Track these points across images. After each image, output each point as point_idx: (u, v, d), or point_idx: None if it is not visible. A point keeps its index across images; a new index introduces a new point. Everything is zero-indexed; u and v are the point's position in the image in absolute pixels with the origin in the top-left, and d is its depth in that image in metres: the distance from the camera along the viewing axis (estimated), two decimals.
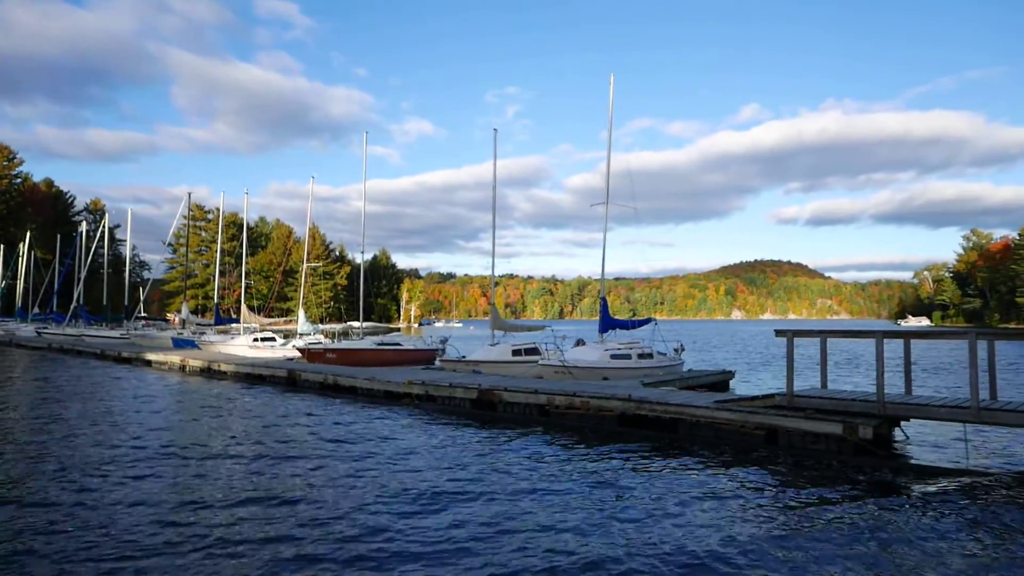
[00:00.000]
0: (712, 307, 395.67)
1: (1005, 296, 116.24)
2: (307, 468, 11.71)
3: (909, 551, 7.61)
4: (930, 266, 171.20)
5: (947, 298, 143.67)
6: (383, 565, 7.20)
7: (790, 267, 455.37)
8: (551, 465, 11.99)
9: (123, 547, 7.64)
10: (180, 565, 7.11)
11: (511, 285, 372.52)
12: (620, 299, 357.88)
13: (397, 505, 9.40)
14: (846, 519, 8.82)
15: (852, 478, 10.98)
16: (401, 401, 20.50)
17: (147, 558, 7.31)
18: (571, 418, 16.42)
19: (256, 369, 28.11)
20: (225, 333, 42.34)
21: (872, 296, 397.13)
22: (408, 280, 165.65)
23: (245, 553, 7.50)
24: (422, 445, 13.86)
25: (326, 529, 8.34)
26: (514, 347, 25.57)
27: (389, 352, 30.26)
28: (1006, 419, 11.34)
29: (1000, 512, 9.10)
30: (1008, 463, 12.13)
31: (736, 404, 14.49)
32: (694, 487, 10.42)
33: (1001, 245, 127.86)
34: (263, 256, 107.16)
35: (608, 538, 8.05)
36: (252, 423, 16.80)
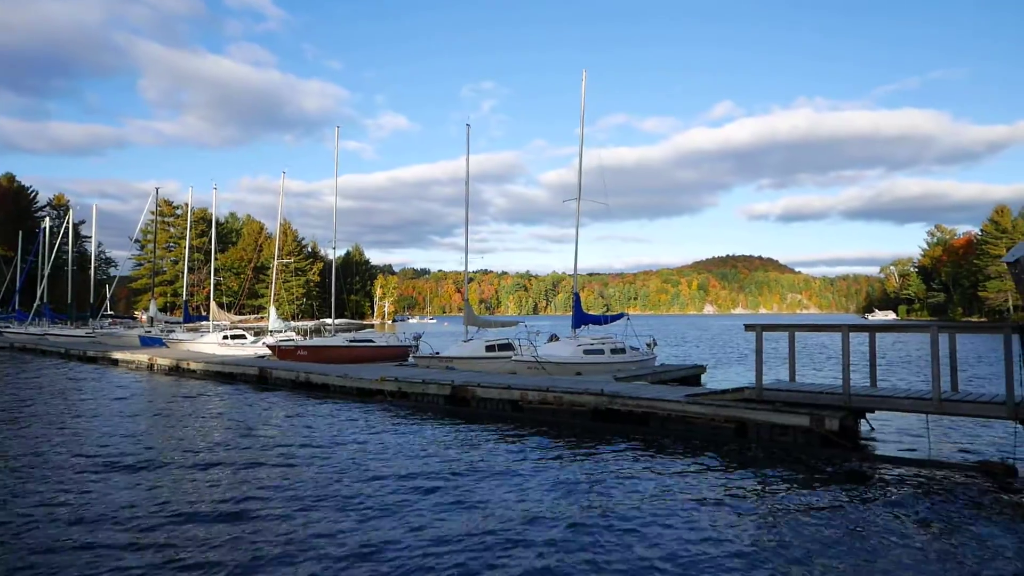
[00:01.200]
0: (685, 302, 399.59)
1: (968, 290, 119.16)
2: (276, 468, 11.59)
3: (874, 539, 7.78)
4: (896, 261, 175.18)
5: (912, 292, 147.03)
6: (355, 564, 7.16)
7: (761, 262, 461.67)
8: (524, 460, 12.02)
9: (85, 555, 7.50)
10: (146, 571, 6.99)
11: (485, 281, 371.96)
12: (594, 294, 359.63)
13: (369, 503, 9.35)
14: (813, 510, 8.98)
15: (819, 469, 11.19)
16: (374, 398, 20.38)
17: (112, 569, 7.18)
18: (544, 413, 16.47)
19: (226, 367, 27.73)
20: (194, 331, 41.66)
21: (841, 290, 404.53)
22: (382, 276, 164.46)
23: (214, 559, 7.40)
24: (395, 442, 13.79)
25: (290, 529, 8.26)
26: (487, 343, 25.57)
27: (361, 349, 30.07)
28: (966, 410, 11.63)
29: (958, 501, 9.35)
30: (967, 453, 12.45)
31: (707, 398, 14.66)
32: (666, 480, 10.53)
33: (964, 241, 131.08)
34: (234, 252, 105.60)
35: (579, 531, 8.09)
36: (221, 423, 16.58)
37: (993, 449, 12.53)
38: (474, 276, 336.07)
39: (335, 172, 35.75)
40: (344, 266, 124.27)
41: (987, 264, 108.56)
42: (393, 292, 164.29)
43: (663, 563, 7.13)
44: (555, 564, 7.11)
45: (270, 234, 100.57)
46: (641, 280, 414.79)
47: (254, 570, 6.97)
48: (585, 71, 25.97)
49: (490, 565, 7.09)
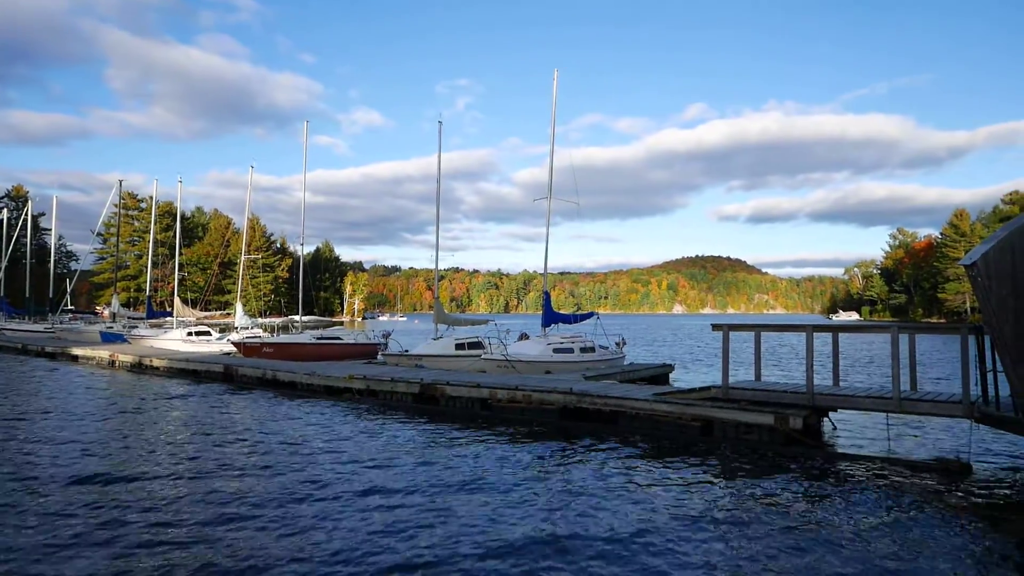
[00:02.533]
0: (655, 302, 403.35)
1: (928, 292, 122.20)
2: (243, 471, 11.40)
3: (832, 535, 7.91)
4: (860, 263, 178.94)
5: (875, 294, 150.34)
6: (328, 563, 7.06)
7: (730, 263, 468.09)
8: (493, 459, 11.99)
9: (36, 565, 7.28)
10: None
11: (457, 279, 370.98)
12: (565, 293, 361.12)
13: (336, 505, 9.24)
14: (776, 506, 9.11)
15: (783, 466, 11.36)
16: (342, 396, 20.18)
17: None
18: (513, 412, 16.46)
19: (190, 364, 27.22)
20: (158, 327, 40.89)
21: (806, 291, 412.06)
22: (352, 273, 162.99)
23: (178, 561, 7.24)
24: (363, 441, 13.67)
25: (259, 527, 8.13)
26: (457, 341, 25.48)
27: (329, 346, 29.75)
28: (925, 409, 11.92)
29: (915, 497, 9.56)
30: (925, 450, 12.75)
31: (674, 397, 14.80)
32: (632, 478, 10.59)
33: (925, 244, 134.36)
34: (200, 247, 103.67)
35: (545, 528, 8.09)
36: (185, 423, 16.27)
37: (950, 447, 12.85)
38: (445, 274, 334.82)
39: (303, 167, 35.33)
40: (314, 263, 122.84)
41: (946, 267, 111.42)
42: (363, 289, 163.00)
43: (627, 559, 7.15)
44: (520, 562, 7.09)
45: (238, 229, 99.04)
46: (612, 280, 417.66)
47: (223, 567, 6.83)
48: (557, 70, 26.02)
49: (455, 564, 7.04)
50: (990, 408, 10.72)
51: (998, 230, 10.67)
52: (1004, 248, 9.93)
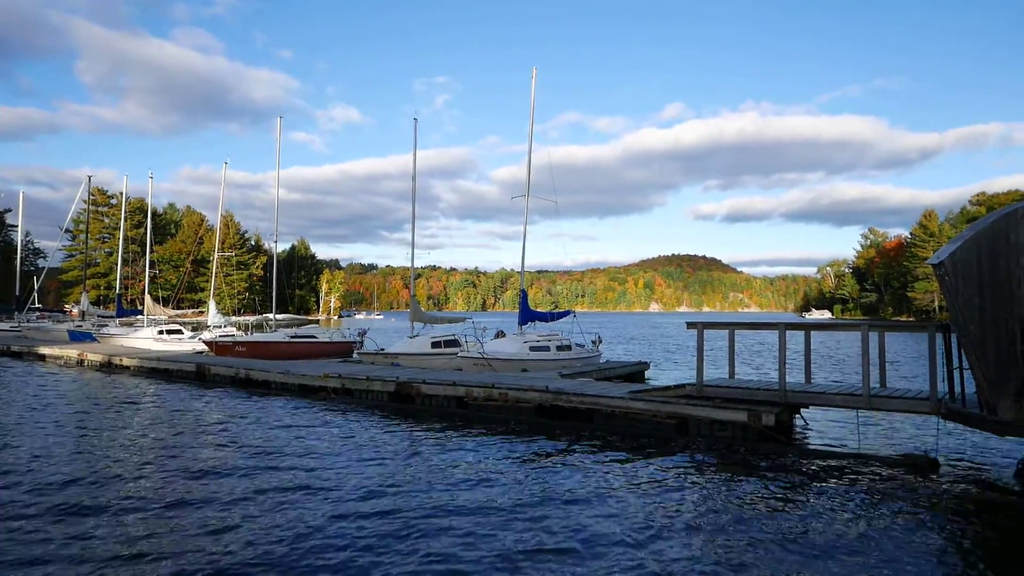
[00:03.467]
0: (631, 300, 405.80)
1: (898, 291, 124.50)
2: (215, 467, 11.24)
3: (802, 529, 8.01)
4: (833, 262, 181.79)
5: (847, 292, 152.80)
6: (305, 565, 6.97)
7: (705, 262, 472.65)
8: (468, 457, 11.96)
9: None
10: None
11: (434, 277, 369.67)
12: (542, 292, 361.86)
13: (313, 503, 9.14)
14: (747, 502, 9.20)
15: (755, 463, 11.48)
16: (317, 395, 19.99)
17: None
18: (490, 410, 16.43)
19: (162, 363, 26.78)
20: (128, 325, 40.19)
21: (780, 290, 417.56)
22: (328, 271, 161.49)
23: (150, 565, 7.11)
24: (338, 440, 13.55)
25: (237, 532, 8.01)
26: (434, 339, 25.39)
27: (303, 345, 29.47)
28: (893, 405, 12.12)
29: (884, 492, 9.72)
30: (894, 446, 12.98)
31: (649, 394, 14.89)
32: (607, 475, 10.63)
33: (895, 243, 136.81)
34: (172, 244, 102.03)
35: (518, 525, 8.08)
36: (154, 421, 16.00)
37: (918, 442, 13.09)
38: (422, 272, 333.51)
39: (277, 164, 34.93)
40: (289, 260, 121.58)
41: (916, 266, 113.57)
42: (340, 287, 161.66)
43: (600, 555, 7.17)
44: (494, 560, 7.07)
45: (211, 226, 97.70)
46: (589, 278, 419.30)
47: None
48: (535, 69, 26.01)
49: (422, 562, 7.00)
50: (956, 405, 10.93)
51: (965, 230, 10.88)
52: (970, 248, 10.13)
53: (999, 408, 9.83)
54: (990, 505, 9.33)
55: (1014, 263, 9.91)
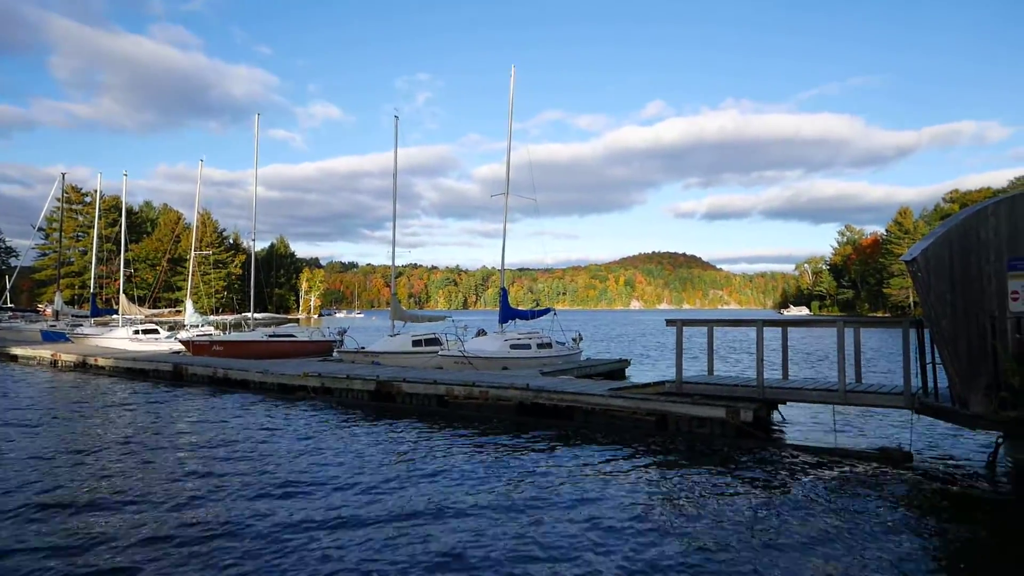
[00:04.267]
0: (612, 297, 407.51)
1: (874, 287, 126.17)
2: (194, 468, 11.11)
3: (780, 523, 8.10)
4: (810, 259, 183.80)
5: (824, 289, 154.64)
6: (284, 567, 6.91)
7: (685, 259, 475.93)
8: (449, 455, 11.93)
9: None
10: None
11: (415, 275, 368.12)
12: (523, 290, 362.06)
13: (290, 501, 9.07)
14: (726, 497, 9.28)
15: (734, 459, 11.58)
16: (296, 394, 19.84)
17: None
18: (470, 408, 16.41)
19: (138, 363, 26.42)
20: (103, 325, 39.57)
21: (759, 287, 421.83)
22: (308, 269, 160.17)
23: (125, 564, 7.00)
24: (318, 439, 13.45)
25: (210, 532, 7.92)
26: (414, 338, 25.31)
27: (281, 344, 29.20)
28: (868, 400, 12.30)
29: (860, 485, 9.86)
30: (868, 440, 13.16)
31: (629, 392, 14.95)
32: (586, 472, 10.66)
33: (871, 240, 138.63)
34: (149, 243, 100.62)
35: (501, 525, 8.08)
36: (130, 422, 15.77)
37: (892, 436, 13.29)
38: (402, 270, 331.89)
39: (255, 161, 34.61)
40: (268, 259, 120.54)
41: (891, 263, 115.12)
42: (320, 286, 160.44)
43: (580, 551, 7.19)
44: (474, 554, 7.07)
45: (188, 224, 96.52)
46: (570, 276, 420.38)
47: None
48: (514, 67, 25.99)
49: (409, 557, 6.98)
50: (930, 399, 11.11)
51: (937, 227, 11.05)
52: (942, 245, 10.30)
53: (970, 402, 10.01)
54: (961, 497, 9.50)
55: (984, 260, 10.09)
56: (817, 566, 6.86)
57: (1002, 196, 10.47)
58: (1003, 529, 8.36)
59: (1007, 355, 9.67)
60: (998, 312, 9.90)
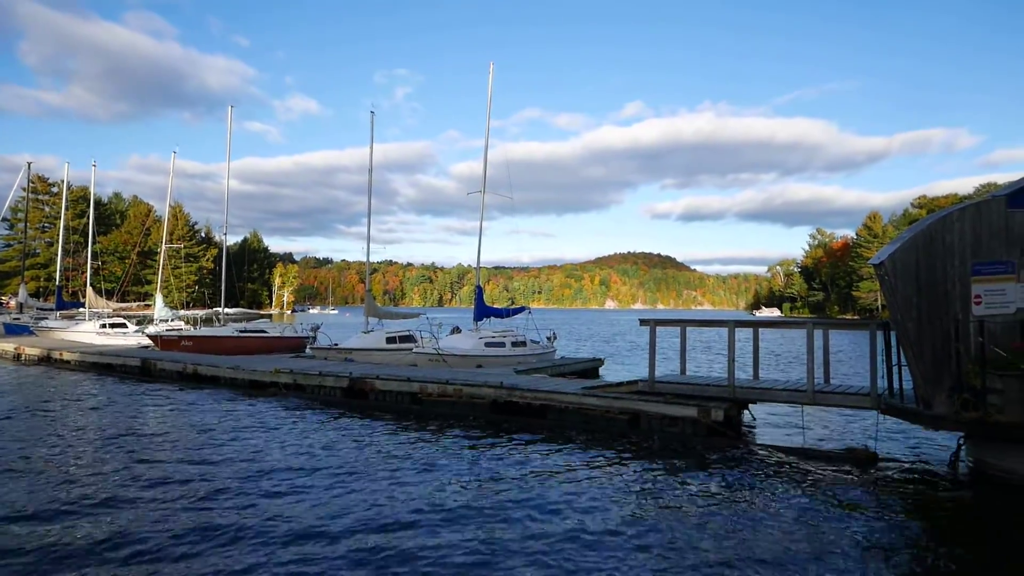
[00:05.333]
0: (587, 297, 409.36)
1: (844, 290, 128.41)
2: (162, 465, 10.93)
3: (748, 521, 8.20)
4: (782, 261, 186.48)
5: (795, 291, 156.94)
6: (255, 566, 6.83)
7: (660, 259, 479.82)
8: (421, 452, 11.89)
9: None
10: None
11: (390, 272, 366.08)
12: (499, 288, 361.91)
13: (256, 498, 8.97)
14: (695, 495, 9.38)
15: (704, 458, 11.70)
16: (268, 391, 19.60)
17: None
18: (444, 406, 16.37)
19: (104, 358, 25.90)
20: (69, 319, 38.71)
21: (732, 288, 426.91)
22: (281, 265, 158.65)
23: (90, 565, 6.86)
24: (289, 436, 13.31)
25: (174, 529, 7.80)
26: (388, 335, 25.17)
27: (253, 340, 28.84)
28: (836, 401, 12.51)
29: (826, 483, 10.03)
30: (836, 440, 13.40)
31: (602, 390, 15.03)
32: (558, 470, 10.69)
33: (841, 244, 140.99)
34: (118, 235, 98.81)
35: (468, 521, 8.07)
36: (96, 418, 15.47)
37: (858, 437, 13.53)
38: (378, 267, 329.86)
39: (228, 154, 34.12)
40: (240, 253, 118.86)
41: (860, 266, 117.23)
42: (293, 281, 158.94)
43: (550, 548, 7.21)
44: (444, 553, 7.05)
45: (159, 217, 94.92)
46: (545, 274, 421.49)
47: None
48: (492, 63, 25.97)
49: (379, 556, 6.94)
50: (895, 400, 11.33)
51: (905, 232, 11.28)
52: (910, 249, 10.50)
53: (934, 403, 10.23)
54: (924, 496, 9.71)
55: (949, 265, 10.32)
56: (782, 564, 6.96)
57: (967, 203, 10.71)
58: (963, 527, 8.57)
59: (969, 358, 9.90)
60: (961, 316, 10.13)
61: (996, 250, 10.22)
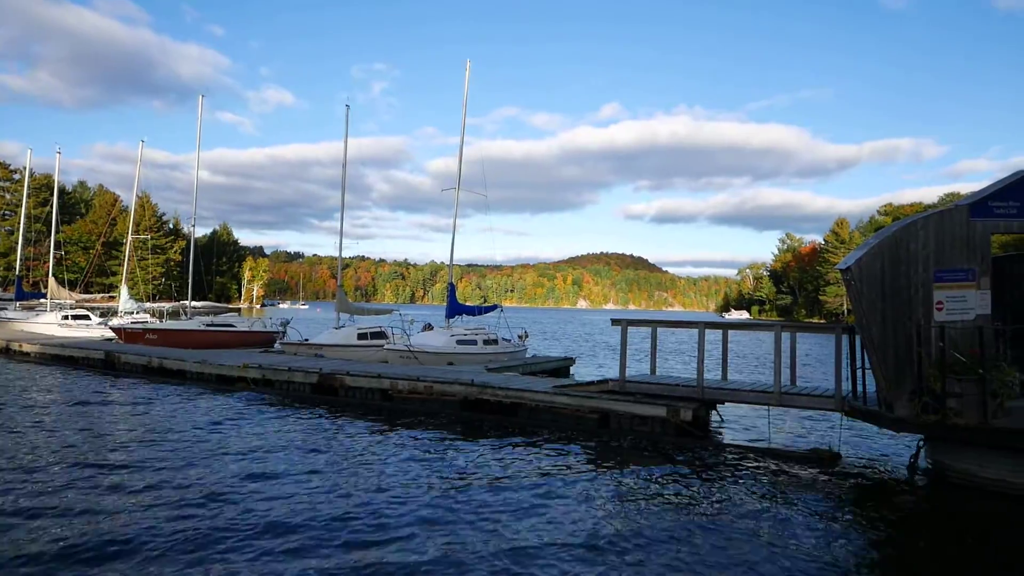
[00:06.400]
0: (560, 296, 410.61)
1: (811, 294, 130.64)
2: (123, 461, 10.72)
3: (714, 519, 8.32)
4: (752, 265, 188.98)
5: (764, 294, 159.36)
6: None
7: (633, 260, 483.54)
8: (389, 449, 11.83)
9: None
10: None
11: (362, 267, 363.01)
12: (471, 286, 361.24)
13: (224, 495, 8.84)
14: (662, 495, 9.48)
15: (672, 457, 11.83)
16: (235, 386, 19.32)
17: None
18: (414, 403, 16.30)
19: (66, 350, 25.29)
20: (29, 309, 37.76)
21: (703, 290, 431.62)
22: (251, 258, 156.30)
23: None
24: (255, 432, 13.15)
25: (135, 526, 7.66)
26: (360, 331, 25.00)
27: (221, 334, 28.40)
28: (801, 402, 12.73)
29: (790, 483, 10.22)
30: (801, 440, 13.64)
31: (572, 389, 15.09)
32: (527, 468, 10.73)
33: (809, 248, 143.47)
34: (82, 225, 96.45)
35: (437, 519, 8.06)
36: (56, 412, 15.10)
37: (823, 437, 13.80)
38: (350, 262, 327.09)
39: (197, 144, 33.55)
40: (209, 246, 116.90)
41: (827, 271, 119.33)
42: (263, 275, 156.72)
43: (516, 546, 7.23)
44: (408, 552, 7.03)
45: (125, 207, 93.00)
46: (518, 273, 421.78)
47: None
48: (469, 61, 25.88)
49: (344, 554, 6.89)
50: (858, 402, 11.57)
51: (871, 238, 11.51)
52: (875, 255, 10.72)
53: (895, 406, 10.46)
54: (884, 496, 9.94)
55: (913, 271, 10.57)
56: (741, 562, 7.07)
57: (931, 211, 10.99)
58: (920, 526, 8.80)
59: (930, 362, 10.15)
60: (924, 321, 10.38)
61: (958, 258, 10.50)
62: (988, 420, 9.41)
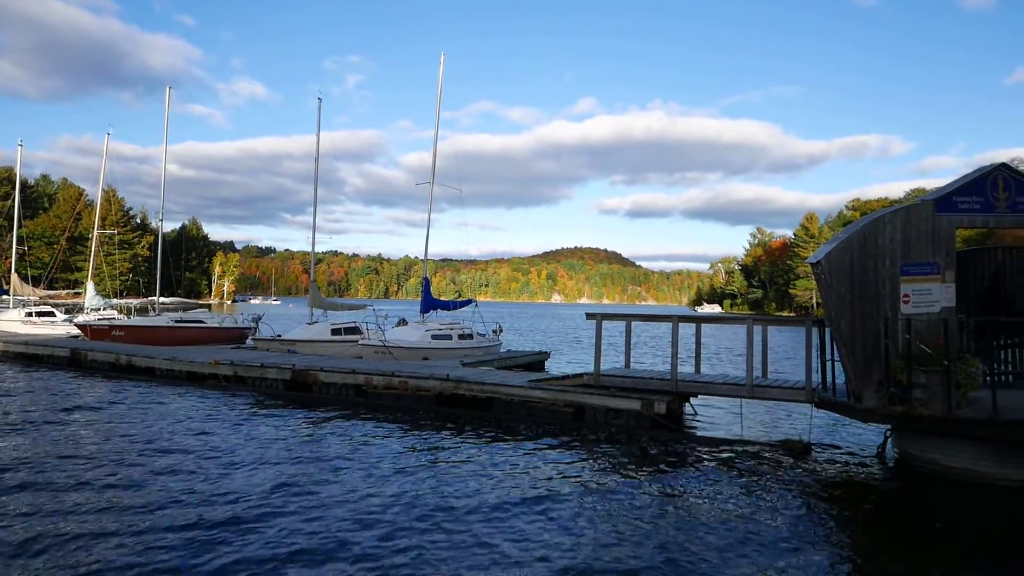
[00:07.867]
0: (534, 290, 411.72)
1: (782, 288, 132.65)
2: (91, 462, 10.51)
3: (687, 510, 8.42)
4: (724, 259, 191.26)
5: (736, 288, 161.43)
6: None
7: (606, 255, 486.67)
8: (364, 445, 11.77)
9: None
10: None
11: (336, 262, 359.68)
12: (446, 280, 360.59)
13: (194, 494, 8.72)
14: (637, 488, 9.56)
15: (646, 450, 11.94)
16: (206, 383, 19.06)
17: None
18: (389, 398, 16.23)
19: (30, 348, 24.72)
20: None
21: (676, 284, 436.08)
22: (222, 253, 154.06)
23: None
24: (226, 430, 12.98)
25: (106, 527, 7.52)
26: (334, 326, 24.80)
27: (190, 330, 27.93)
28: (773, 395, 12.94)
29: (762, 474, 10.38)
30: (773, 432, 13.86)
31: (548, 383, 15.16)
32: (503, 463, 10.74)
33: (780, 243, 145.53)
34: (46, 219, 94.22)
35: (411, 515, 8.04)
36: (19, 412, 14.74)
37: (794, 429, 14.03)
38: (323, 257, 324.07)
39: (165, 136, 32.92)
40: (178, 241, 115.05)
41: (797, 265, 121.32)
42: (234, 271, 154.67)
43: (492, 543, 7.24)
44: (383, 549, 7.01)
45: (91, 201, 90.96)
46: (493, 268, 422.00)
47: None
48: (443, 54, 25.83)
49: (318, 551, 6.85)
50: (828, 394, 11.79)
51: (840, 233, 11.72)
52: (844, 249, 10.92)
53: (864, 397, 10.69)
54: (852, 485, 10.14)
55: (880, 265, 10.79)
56: (713, 550, 7.17)
57: (898, 207, 11.22)
58: (886, 514, 8.99)
59: (897, 354, 10.38)
60: (891, 314, 10.61)
61: (924, 252, 10.75)
62: (952, 410, 9.65)
